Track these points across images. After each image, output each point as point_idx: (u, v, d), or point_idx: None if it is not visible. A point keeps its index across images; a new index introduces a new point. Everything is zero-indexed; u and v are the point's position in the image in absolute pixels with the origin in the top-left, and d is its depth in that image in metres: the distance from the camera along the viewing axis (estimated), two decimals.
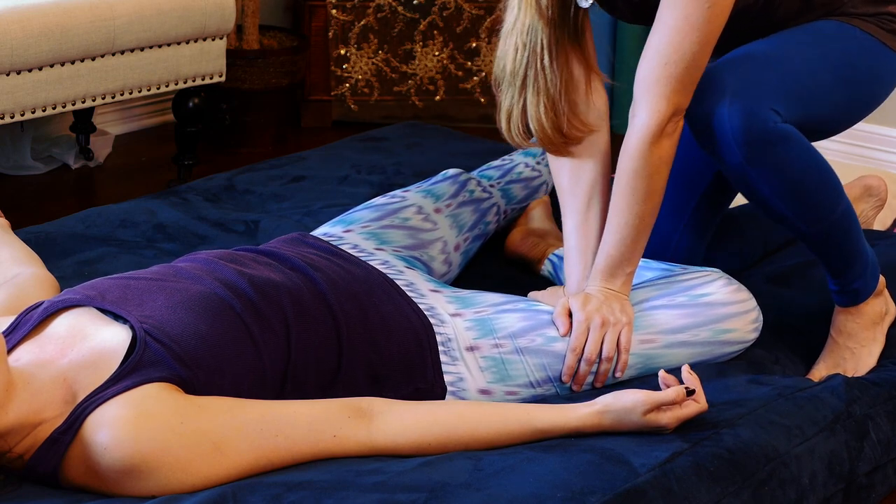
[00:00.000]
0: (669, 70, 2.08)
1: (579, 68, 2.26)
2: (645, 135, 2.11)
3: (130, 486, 1.75)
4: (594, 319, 2.12)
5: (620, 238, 2.16)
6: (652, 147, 2.11)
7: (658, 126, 2.10)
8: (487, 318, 2.13)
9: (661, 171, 2.14)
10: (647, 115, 2.11)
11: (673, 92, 2.09)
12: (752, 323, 2.22)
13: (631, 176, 2.13)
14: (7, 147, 3.81)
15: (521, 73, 2.22)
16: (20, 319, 1.89)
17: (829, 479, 2.01)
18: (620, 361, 2.15)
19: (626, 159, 2.14)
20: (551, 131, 2.24)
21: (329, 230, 2.37)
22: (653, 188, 2.14)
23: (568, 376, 2.12)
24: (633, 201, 2.14)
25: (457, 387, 2.07)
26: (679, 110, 2.11)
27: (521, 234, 2.65)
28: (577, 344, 2.11)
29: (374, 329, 2.04)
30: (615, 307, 2.14)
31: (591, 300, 2.15)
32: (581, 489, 1.77)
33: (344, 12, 4.30)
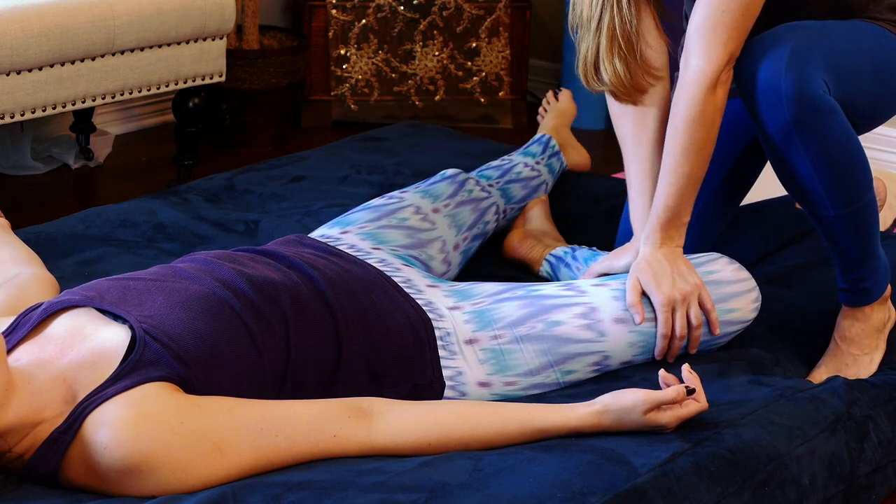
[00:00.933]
0: (727, 17, 2.10)
1: (649, 15, 2.29)
2: (702, 82, 2.13)
3: (130, 486, 1.75)
4: (675, 298, 2.14)
5: (678, 189, 2.18)
6: (709, 95, 2.13)
7: (715, 73, 2.12)
8: (486, 308, 2.13)
9: (717, 119, 2.15)
10: (704, 62, 2.13)
11: (729, 38, 2.11)
12: (754, 302, 2.23)
13: (689, 124, 2.15)
14: (7, 147, 3.81)
15: (596, 17, 2.25)
16: (20, 320, 1.89)
17: (829, 479, 2.01)
18: (711, 322, 2.18)
19: (683, 108, 2.15)
20: (623, 75, 2.27)
21: (326, 232, 2.37)
22: (709, 137, 2.15)
23: (660, 356, 2.16)
24: (691, 150, 2.16)
25: (456, 381, 2.07)
26: (733, 58, 2.13)
27: (519, 237, 2.66)
28: (667, 329, 2.14)
29: (373, 327, 2.04)
30: (684, 272, 2.16)
31: (662, 277, 2.16)
32: (581, 489, 1.77)
33: (344, 12, 4.30)
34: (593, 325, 2.13)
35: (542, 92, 4.52)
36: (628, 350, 2.15)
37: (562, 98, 3.10)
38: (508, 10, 4.36)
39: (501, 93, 4.42)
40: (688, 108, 2.15)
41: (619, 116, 2.34)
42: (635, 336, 2.15)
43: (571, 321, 2.12)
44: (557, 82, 4.57)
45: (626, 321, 2.14)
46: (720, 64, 2.12)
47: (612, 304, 2.15)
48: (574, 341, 2.12)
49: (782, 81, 2.09)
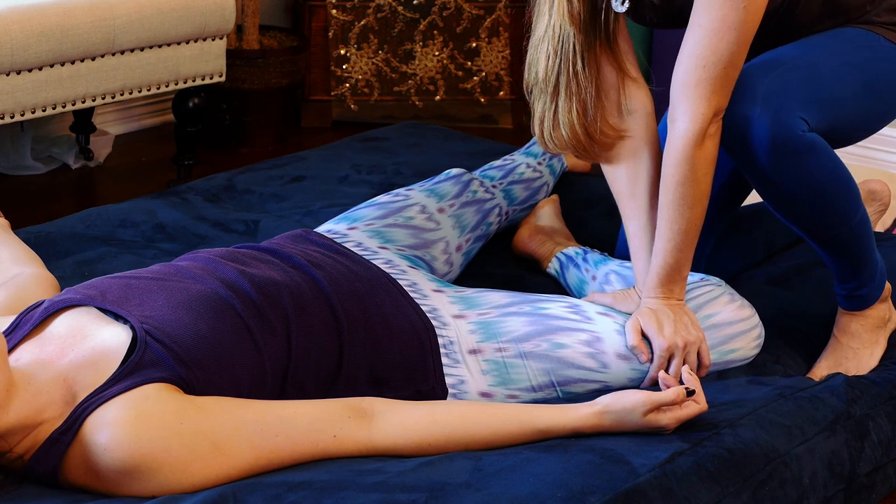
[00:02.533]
0: (708, 72, 2.07)
1: (612, 73, 2.25)
2: (688, 140, 2.10)
3: (130, 487, 1.74)
4: (677, 344, 2.12)
5: (675, 245, 2.15)
6: (696, 151, 2.11)
7: (700, 129, 2.09)
8: (492, 321, 2.13)
9: (708, 172, 2.13)
10: (688, 119, 2.10)
11: (712, 93, 2.08)
12: (755, 340, 2.23)
13: (679, 183, 2.12)
14: (7, 147, 3.81)
15: (552, 80, 2.21)
16: (20, 319, 1.89)
17: (829, 479, 2.01)
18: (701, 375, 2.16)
19: (672, 167, 2.13)
20: (582, 137, 2.23)
21: (333, 227, 2.36)
22: (701, 191, 2.13)
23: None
24: (684, 207, 2.14)
25: (458, 389, 2.07)
26: (719, 111, 2.11)
27: (529, 232, 2.65)
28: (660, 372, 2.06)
29: (376, 330, 2.03)
30: (687, 323, 2.14)
31: (664, 321, 2.14)
32: (581, 489, 1.77)
33: (344, 12, 4.30)
34: (597, 355, 2.12)
35: None
36: (628, 385, 2.15)
37: None
38: (508, 10, 4.36)
39: (501, 93, 4.42)
40: (677, 167, 2.12)
41: (613, 173, 2.30)
42: (637, 374, 2.15)
43: (576, 346, 2.12)
44: None
45: (629, 359, 2.14)
46: (705, 120, 2.09)
47: (616, 338, 2.14)
48: (577, 367, 2.11)
49: (755, 130, 2.08)
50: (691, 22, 2.09)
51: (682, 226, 2.14)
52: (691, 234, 2.15)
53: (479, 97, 4.41)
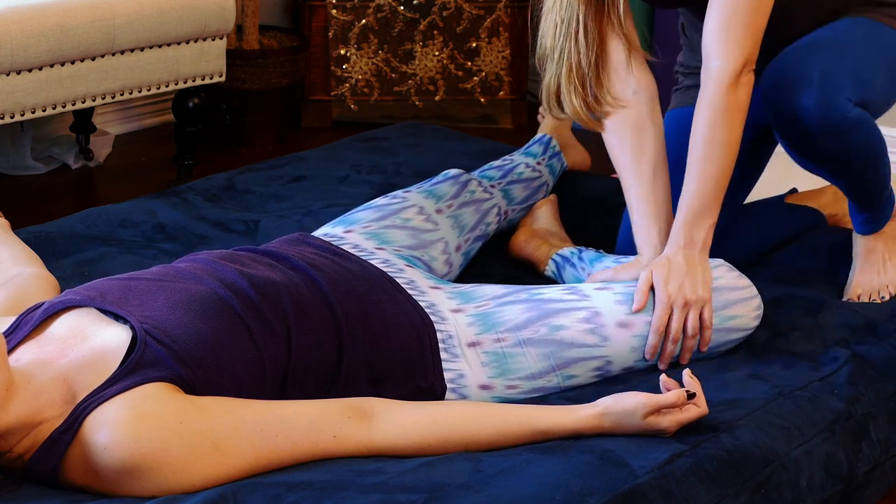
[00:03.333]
0: (738, 18, 2.17)
1: (617, 45, 2.33)
2: (722, 82, 2.18)
3: (130, 487, 1.75)
4: (677, 300, 2.15)
5: (701, 188, 2.20)
6: (729, 94, 2.18)
7: (733, 72, 2.18)
8: (489, 311, 2.13)
9: (738, 118, 2.20)
10: (721, 63, 2.18)
11: (743, 38, 2.17)
12: (756, 310, 2.23)
13: (710, 125, 2.19)
14: (7, 147, 3.81)
15: (557, 48, 2.32)
16: (21, 320, 1.89)
17: (826, 480, 2.01)
18: (703, 338, 2.17)
19: (704, 109, 2.20)
20: (581, 108, 2.32)
21: (330, 230, 2.37)
22: (731, 136, 2.19)
23: (651, 354, 2.15)
24: (713, 149, 2.19)
25: (457, 383, 2.07)
26: (750, 60, 2.19)
27: (526, 236, 2.65)
28: (660, 324, 2.14)
29: (375, 328, 2.04)
30: (697, 281, 2.17)
31: (672, 275, 2.17)
32: (580, 490, 1.77)
33: (344, 12, 4.30)
34: (596, 329, 2.13)
35: None
36: (630, 355, 2.15)
37: None
38: (508, 10, 4.36)
39: (501, 93, 4.42)
40: (709, 109, 2.19)
41: (616, 145, 2.36)
42: (638, 341, 2.15)
43: (575, 325, 2.12)
44: None
45: (629, 325, 2.14)
46: (738, 63, 2.18)
47: (616, 308, 2.14)
48: (577, 346, 2.11)
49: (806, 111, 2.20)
50: None
51: (711, 169, 2.20)
52: (719, 179, 2.20)
53: (479, 97, 4.42)
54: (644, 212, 2.32)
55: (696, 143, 2.21)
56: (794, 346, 2.25)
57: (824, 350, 2.22)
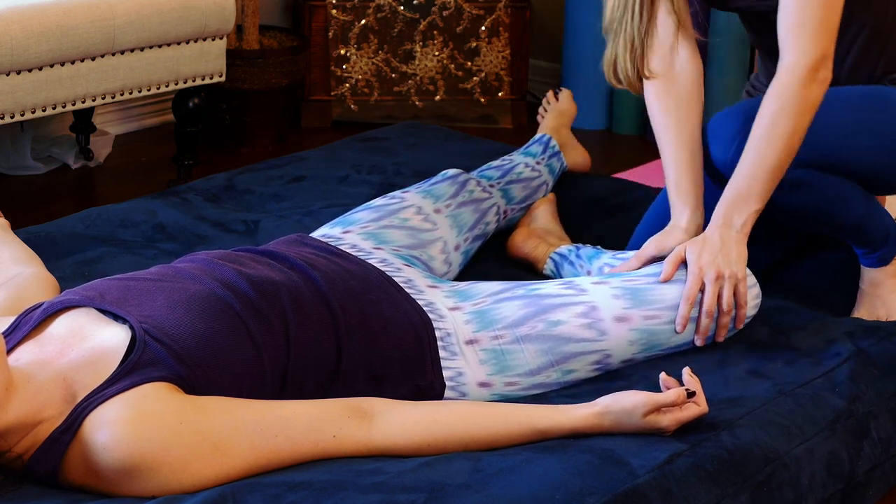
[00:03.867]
0: (809, 12, 2.17)
1: (666, 23, 2.37)
2: (795, 74, 2.19)
3: (130, 486, 1.75)
4: (708, 273, 2.16)
5: (752, 173, 2.20)
6: (801, 87, 2.18)
7: (807, 66, 2.18)
8: (486, 308, 2.13)
9: (806, 114, 2.19)
10: (795, 55, 2.19)
11: (816, 33, 2.18)
12: (754, 298, 2.23)
13: (776, 113, 2.19)
14: (7, 147, 3.81)
15: (616, 20, 2.37)
16: (20, 320, 1.89)
17: (827, 479, 2.01)
18: (739, 315, 2.18)
19: (773, 98, 2.20)
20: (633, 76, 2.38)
21: (328, 231, 2.37)
22: (794, 129, 2.19)
23: (682, 325, 2.15)
24: (773, 137, 2.19)
25: (456, 381, 2.07)
26: (825, 56, 2.19)
27: (523, 236, 2.65)
28: (690, 293, 2.15)
29: (374, 327, 2.04)
30: (732, 257, 2.18)
31: (706, 249, 2.18)
32: (580, 490, 1.77)
33: (344, 12, 4.30)
34: (594, 323, 2.13)
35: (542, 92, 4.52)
36: (629, 348, 2.15)
37: (562, 98, 3.10)
38: (508, 10, 4.36)
39: (501, 93, 4.42)
40: (777, 98, 2.19)
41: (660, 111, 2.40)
42: (635, 334, 2.15)
43: (572, 320, 2.12)
44: (557, 82, 4.57)
45: (627, 319, 2.14)
46: (812, 58, 2.18)
47: (613, 302, 2.15)
48: (575, 340, 2.12)
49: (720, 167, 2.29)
50: None
51: (766, 156, 2.20)
52: (773, 169, 2.20)
53: (479, 97, 4.42)
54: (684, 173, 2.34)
55: (759, 128, 2.21)
56: (795, 342, 2.25)
57: (826, 347, 2.22)
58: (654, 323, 2.16)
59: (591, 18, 4.33)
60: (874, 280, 2.42)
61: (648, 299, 2.16)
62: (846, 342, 2.22)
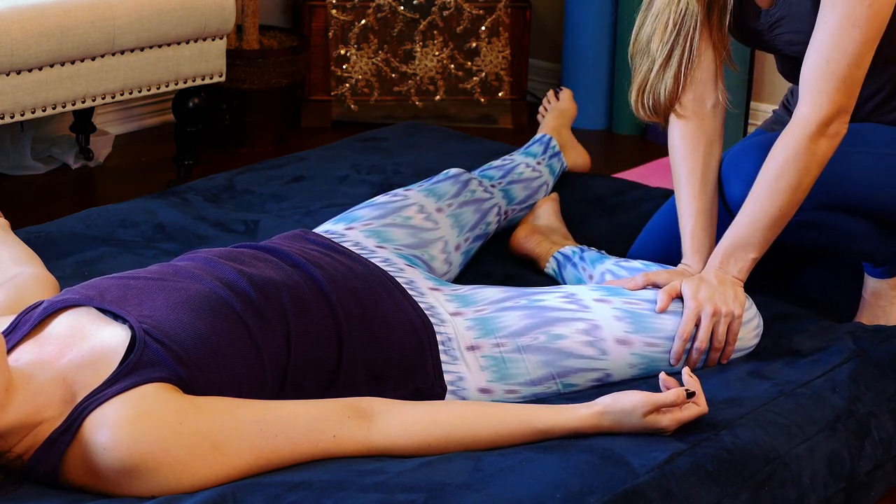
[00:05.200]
0: (832, 68, 2.14)
1: (709, 54, 2.34)
2: (806, 128, 2.16)
3: (130, 487, 1.75)
4: (705, 308, 2.15)
5: (752, 222, 2.19)
6: (809, 142, 2.16)
7: (819, 122, 2.15)
8: (488, 316, 2.13)
9: (812, 169, 2.17)
10: (808, 110, 2.16)
11: (835, 90, 2.14)
12: (754, 330, 2.23)
13: (782, 165, 2.17)
14: (7, 147, 3.81)
15: (665, 51, 2.31)
16: (20, 319, 1.89)
17: (829, 479, 2.01)
18: (726, 352, 2.17)
19: (781, 149, 2.18)
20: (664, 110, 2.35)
21: (331, 227, 2.37)
22: (799, 183, 2.17)
23: (676, 360, 2.15)
24: (776, 190, 2.17)
25: (457, 386, 2.07)
26: (842, 111, 2.16)
27: (526, 232, 2.65)
28: (685, 330, 2.14)
29: (375, 327, 2.03)
30: (728, 296, 2.17)
31: (703, 286, 2.17)
32: (580, 490, 1.77)
33: (344, 12, 4.30)
34: (595, 342, 2.12)
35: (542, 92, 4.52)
36: (629, 370, 2.15)
37: (562, 98, 3.10)
38: (508, 10, 4.36)
39: (501, 93, 4.42)
40: (785, 149, 2.17)
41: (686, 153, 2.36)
42: (636, 358, 2.15)
43: (574, 336, 2.12)
44: (557, 82, 4.57)
45: (628, 343, 2.14)
46: (826, 114, 2.15)
47: (615, 324, 2.14)
48: (576, 356, 2.11)
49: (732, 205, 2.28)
50: (818, 19, 2.16)
51: (767, 207, 2.18)
52: (774, 220, 2.19)
53: (479, 97, 4.41)
54: (701, 224, 2.32)
55: (763, 178, 2.19)
56: (796, 344, 2.25)
57: (826, 346, 2.22)
58: (654, 350, 2.16)
59: (591, 18, 4.34)
60: (876, 290, 2.41)
61: (649, 326, 2.15)
62: (847, 342, 2.22)
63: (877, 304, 2.41)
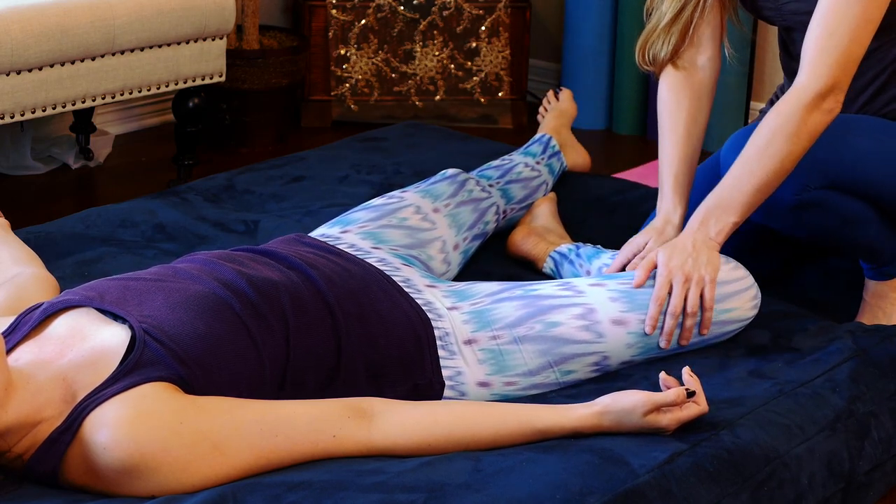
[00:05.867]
0: (834, 41, 2.16)
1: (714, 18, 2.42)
2: (800, 97, 2.17)
3: (130, 486, 1.75)
4: (676, 276, 2.15)
5: (738, 184, 2.19)
6: (803, 111, 2.16)
7: (815, 92, 2.16)
8: (484, 309, 2.13)
9: (803, 139, 2.17)
10: (805, 79, 2.17)
11: (834, 63, 2.16)
12: (752, 300, 2.23)
13: (773, 130, 2.17)
14: (7, 147, 3.81)
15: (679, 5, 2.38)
16: (20, 320, 1.89)
17: (828, 479, 2.01)
18: (704, 318, 2.17)
19: (774, 115, 2.19)
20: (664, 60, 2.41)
21: (326, 231, 2.37)
22: (788, 151, 2.17)
23: (651, 327, 2.14)
24: (766, 155, 2.17)
25: (455, 381, 2.07)
26: (837, 87, 2.17)
27: (523, 234, 2.66)
28: (659, 294, 2.14)
29: (373, 326, 2.04)
30: (701, 261, 2.17)
31: (676, 253, 2.18)
32: (580, 490, 1.77)
33: (344, 12, 4.30)
34: (591, 326, 2.13)
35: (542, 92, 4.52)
36: (626, 351, 2.15)
37: (562, 98, 3.10)
38: (508, 10, 4.36)
39: (501, 93, 4.42)
40: (778, 116, 2.18)
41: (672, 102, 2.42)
42: (633, 338, 2.15)
43: (570, 322, 2.12)
44: (557, 82, 4.57)
45: (624, 322, 2.14)
46: (822, 86, 2.15)
47: (610, 305, 2.14)
48: (573, 342, 2.12)
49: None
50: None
51: (754, 170, 2.18)
52: (759, 185, 2.19)
53: (479, 97, 4.41)
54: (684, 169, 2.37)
55: (754, 142, 2.19)
56: (796, 343, 2.25)
57: (826, 346, 2.22)
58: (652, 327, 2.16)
59: (591, 18, 4.34)
60: (877, 292, 2.42)
61: (644, 304, 2.16)
62: (847, 342, 2.22)
63: (877, 305, 2.42)
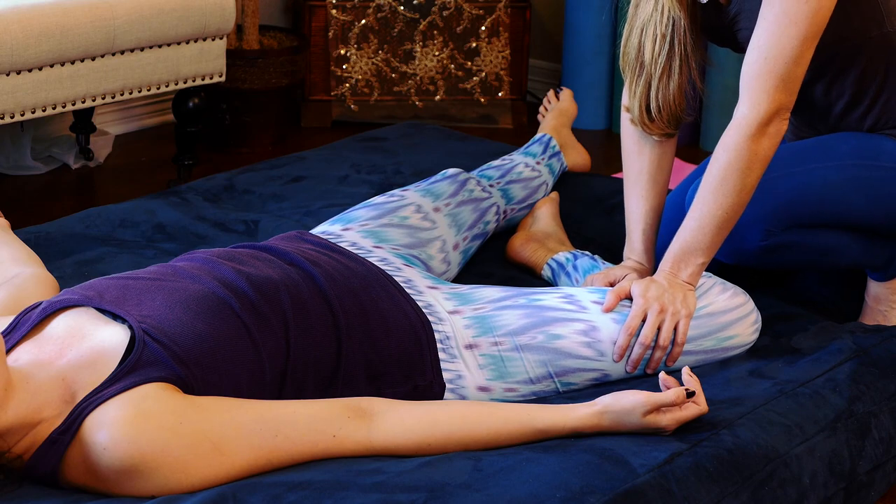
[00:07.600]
0: (770, 65, 2.12)
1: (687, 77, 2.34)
2: (744, 128, 2.14)
3: (130, 486, 1.75)
4: (652, 306, 2.13)
5: (699, 226, 2.18)
6: (750, 142, 2.14)
7: (758, 121, 2.13)
8: (486, 315, 2.13)
9: (755, 168, 2.15)
10: (747, 109, 2.14)
11: (774, 88, 2.13)
12: (753, 325, 2.22)
13: (724, 168, 2.15)
14: (7, 147, 3.81)
15: (661, 61, 2.30)
16: (19, 319, 1.89)
17: (829, 478, 2.01)
18: (673, 352, 2.15)
19: (722, 151, 2.16)
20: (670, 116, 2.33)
21: (328, 228, 2.37)
22: (743, 184, 2.15)
23: (619, 356, 2.13)
24: (721, 193, 2.16)
25: (455, 384, 2.07)
26: (782, 109, 2.14)
27: (522, 240, 2.65)
28: (631, 324, 2.12)
29: (373, 326, 2.04)
30: (677, 297, 2.15)
31: (653, 287, 2.16)
32: (580, 489, 1.77)
33: (344, 12, 4.30)
34: (593, 343, 2.12)
35: (542, 92, 4.52)
36: (626, 370, 2.15)
37: (562, 98, 3.10)
38: (508, 10, 4.36)
39: (501, 93, 4.42)
40: (726, 152, 2.15)
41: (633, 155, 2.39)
42: None
43: (572, 336, 2.12)
44: (557, 82, 4.57)
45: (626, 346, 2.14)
46: (764, 113, 2.13)
47: (612, 326, 2.14)
48: (574, 357, 2.11)
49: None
50: (759, 16, 2.14)
51: (714, 210, 2.17)
52: (720, 223, 2.17)
53: (479, 97, 4.42)
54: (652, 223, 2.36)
55: (708, 182, 2.17)
56: (796, 342, 2.25)
57: (826, 346, 2.22)
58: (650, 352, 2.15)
59: (590, 18, 4.34)
60: (878, 295, 2.41)
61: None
62: (847, 342, 2.22)
63: (877, 308, 2.41)
